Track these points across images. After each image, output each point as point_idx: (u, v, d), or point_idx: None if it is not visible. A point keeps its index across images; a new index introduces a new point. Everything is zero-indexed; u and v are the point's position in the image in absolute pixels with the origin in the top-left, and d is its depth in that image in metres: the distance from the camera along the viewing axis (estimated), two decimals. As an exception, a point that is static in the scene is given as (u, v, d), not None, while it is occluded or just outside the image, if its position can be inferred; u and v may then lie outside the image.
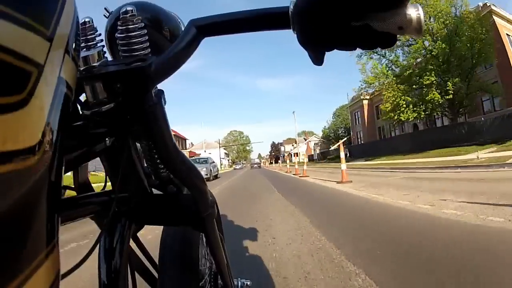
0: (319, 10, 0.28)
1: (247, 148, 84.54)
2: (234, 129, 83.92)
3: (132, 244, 0.47)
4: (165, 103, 0.36)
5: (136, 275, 0.52)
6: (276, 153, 79.41)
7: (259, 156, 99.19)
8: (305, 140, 61.10)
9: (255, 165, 37.73)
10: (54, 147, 0.17)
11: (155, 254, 0.57)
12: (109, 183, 0.43)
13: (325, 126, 60.03)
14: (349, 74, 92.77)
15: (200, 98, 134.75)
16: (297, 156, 53.92)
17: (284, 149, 71.75)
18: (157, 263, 0.55)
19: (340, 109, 51.54)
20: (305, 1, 0.30)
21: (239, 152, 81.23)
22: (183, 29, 0.41)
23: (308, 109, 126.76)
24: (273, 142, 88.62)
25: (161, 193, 0.48)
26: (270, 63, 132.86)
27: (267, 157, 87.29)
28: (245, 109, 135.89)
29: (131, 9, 0.34)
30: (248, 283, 0.83)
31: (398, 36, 0.30)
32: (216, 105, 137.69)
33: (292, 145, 69.66)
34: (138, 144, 0.43)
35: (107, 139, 0.34)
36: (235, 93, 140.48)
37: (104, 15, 0.42)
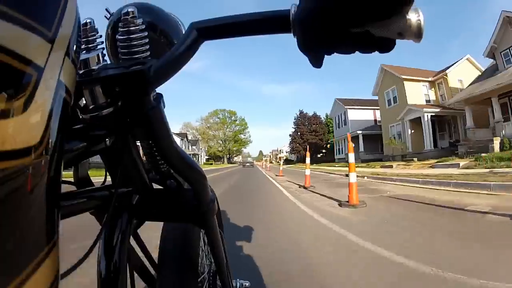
0: (320, 16, 0.29)
1: (242, 136, 48.23)
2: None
3: (132, 242, 0.47)
4: (164, 107, 0.36)
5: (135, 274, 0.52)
6: (310, 137, 35.77)
7: (260, 153, 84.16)
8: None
9: (248, 164, 37.22)
10: (53, 150, 0.17)
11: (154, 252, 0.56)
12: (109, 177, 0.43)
13: None
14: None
15: (200, 99, 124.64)
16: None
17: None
18: (156, 261, 0.55)
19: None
20: (305, 7, 0.30)
21: (227, 142, 46.93)
22: (183, 32, 0.41)
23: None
24: (301, 111, 40.07)
25: (161, 187, 0.49)
26: (277, 68, 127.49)
27: (272, 153, 58.15)
28: (248, 112, 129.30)
29: (133, 10, 0.34)
30: (247, 284, 0.82)
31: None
32: (216, 106, 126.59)
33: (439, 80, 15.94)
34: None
35: (107, 139, 0.35)
36: (239, 96, 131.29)
37: (105, 16, 0.42)
